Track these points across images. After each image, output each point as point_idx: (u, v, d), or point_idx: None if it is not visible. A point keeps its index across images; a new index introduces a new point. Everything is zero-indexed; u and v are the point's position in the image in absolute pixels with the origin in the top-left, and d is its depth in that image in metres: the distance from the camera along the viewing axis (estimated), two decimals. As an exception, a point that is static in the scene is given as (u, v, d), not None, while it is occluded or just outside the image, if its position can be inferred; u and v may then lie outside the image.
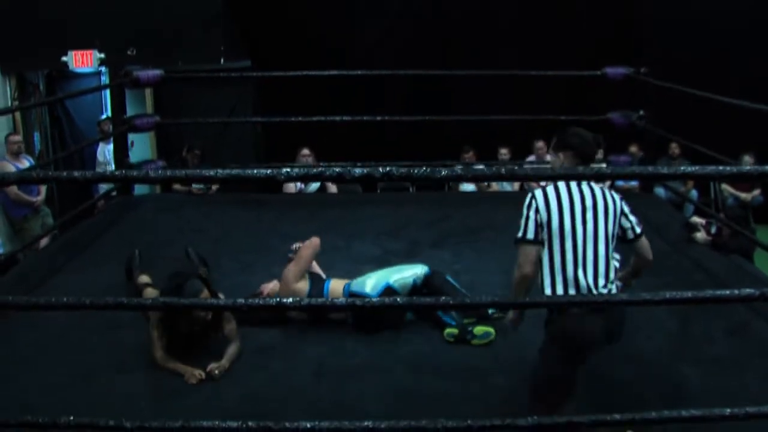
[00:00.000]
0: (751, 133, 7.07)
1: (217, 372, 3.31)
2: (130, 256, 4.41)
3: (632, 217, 3.03)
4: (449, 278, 3.99)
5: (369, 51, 8.47)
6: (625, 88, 6.37)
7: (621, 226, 2.97)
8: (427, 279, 3.90)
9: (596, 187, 2.94)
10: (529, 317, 3.77)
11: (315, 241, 4.15)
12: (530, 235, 2.85)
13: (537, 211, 2.86)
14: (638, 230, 3.04)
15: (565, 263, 2.82)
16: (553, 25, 8.40)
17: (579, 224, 2.83)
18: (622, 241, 3.00)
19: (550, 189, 2.89)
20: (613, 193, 3.00)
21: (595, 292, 2.80)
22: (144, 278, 4.14)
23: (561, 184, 2.91)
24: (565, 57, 8.02)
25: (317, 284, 3.93)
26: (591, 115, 6.54)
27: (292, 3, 8.60)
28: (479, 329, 3.58)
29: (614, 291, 2.90)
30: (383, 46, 8.55)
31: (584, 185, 2.92)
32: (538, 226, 2.85)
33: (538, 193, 2.88)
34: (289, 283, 3.89)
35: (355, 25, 8.76)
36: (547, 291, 2.87)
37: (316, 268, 4.27)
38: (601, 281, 2.83)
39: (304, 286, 3.91)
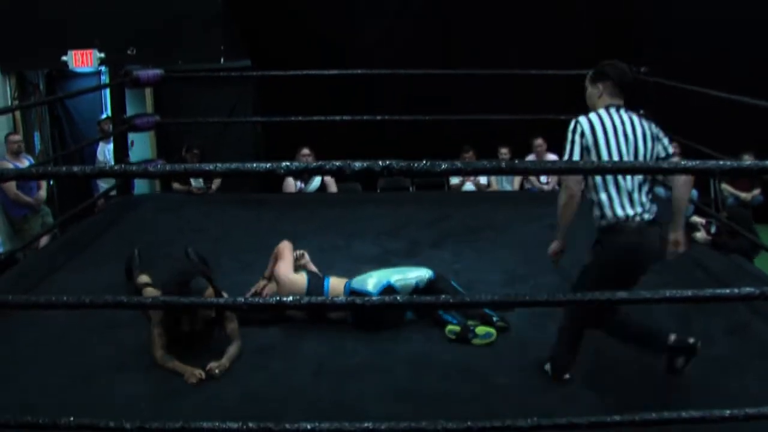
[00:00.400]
0: (750, 132, 7.07)
1: (217, 371, 3.30)
2: (130, 255, 4.40)
3: (665, 139, 3.22)
4: (454, 283, 3.98)
5: (369, 50, 8.47)
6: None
7: (655, 149, 3.16)
8: (431, 283, 3.89)
9: (633, 115, 3.18)
10: (529, 317, 3.79)
11: (285, 242, 4.17)
12: (576, 157, 3.08)
13: (582, 135, 3.07)
14: (670, 150, 3.20)
15: (610, 184, 3.04)
16: (553, 25, 8.39)
17: (623, 147, 3.06)
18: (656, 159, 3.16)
19: (593, 116, 3.11)
20: (645, 119, 3.22)
21: (638, 210, 3.02)
22: (144, 278, 4.13)
23: (602, 112, 3.13)
24: (565, 57, 8.01)
25: (316, 280, 3.93)
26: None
27: (292, 2, 8.59)
28: (481, 329, 3.58)
29: (653, 211, 3.09)
30: (383, 46, 8.54)
31: (622, 112, 3.17)
32: (584, 149, 3.07)
33: (583, 119, 3.09)
34: (286, 274, 3.91)
35: (355, 25, 8.76)
36: (596, 212, 3.09)
37: (312, 266, 4.26)
38: (644, 198, 3.06)
39: (301, 278, 3.91)
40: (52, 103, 8.77)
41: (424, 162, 2.19)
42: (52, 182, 7.88)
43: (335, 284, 3.91)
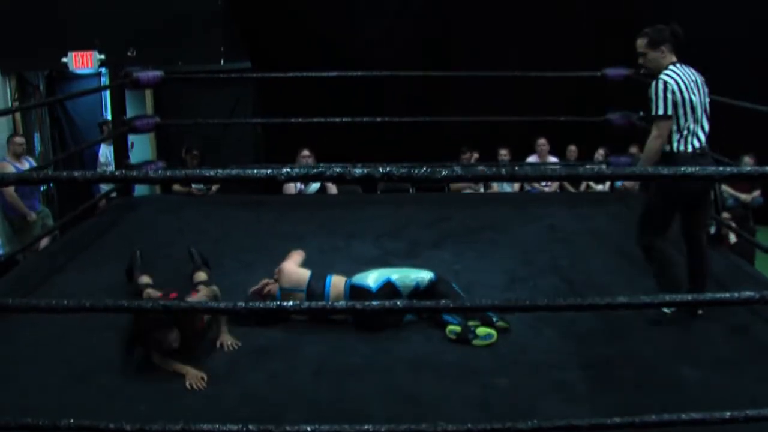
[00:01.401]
0: (751, 134, 7.07)
1: (231, 344, 3.52)
2: (132, 256, 4.40)
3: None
4: (455, 286, 3.97)
5: (369, 51, 8.48)
6: (625, 89, 6.37)
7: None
8: (431, 284, 3.89)
9: (690, 68, 3.78)
10: (529, 319, 3.79)
11: (301, 252, 4.22)
12: (670, 111, 3.65)
13: (673, 92, 3.64)
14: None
15: (692, 128, 3.72)
16: (553, 26, 8.40)
17: (696, 97, 3.71)
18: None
19: (673, 74, 3.68)
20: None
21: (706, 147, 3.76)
22: (145, 279, 4.13)
23: (677, 68, 3.72)
24: (566, 57, 8.03)
25: (318, 276, 3.93)
26: (591, 116, 6.55)
27: (291, 4, 8.60)
28: (482, 330, 3.58)
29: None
30: (383, 47, 8.55)
31: (685, 67, 3.76)
32: (673, 104, 3.64)
33: (669, 79, 3.65)
34: (290, 266, 3.95)
35: (355, 25, 8.77)
36: (680, 147, 3.70)
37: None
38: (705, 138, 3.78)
39: (305, 272, 3.92)
40: (52, 105, 8.77)
41: (425, 168, 2.19)
42: (51, 184, 7.90)
43: (336, 282, 3.91)
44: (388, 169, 2.13)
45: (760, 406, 2.50)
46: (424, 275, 3.91)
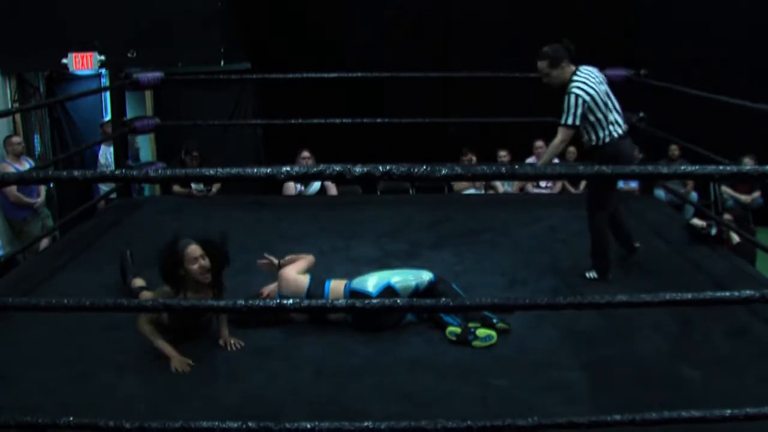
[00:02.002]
0: (751, 135, 7.08)
1: (233, 343, 3.53)
2: (122, 257, 4.32)
3: None
4: (455, 286, 3.98)
5: (369, 52, 8.48)
6: (625, 90, 6.37)
7: None
8: (431, 285, 3.89)
9: (589, 66, 4.33)
10: (529, 319, 3.79)
11: (312, 258, 4.20)
12: (578, 122, 4.22)
13: (584, 102, 4.18)
14: None
15: (611, 118, 4.27)
16: (553, 26, 8.40)
17: (603, 88, 4.27)
18: None
19: (581, 83, 4.20)
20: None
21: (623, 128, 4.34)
22: (138, 282, 4.08)
23: (580, 74, 4.25)
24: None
25: (318, 282, 3.93)
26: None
27: (291, 5, 8.61)
28: (482, 331, 3.58)
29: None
30: (383, 47, 8.56)
31: (585, 68, 4.30)
32: (587, 112, 4.20)
33: (580, 92, 4.17)
34: (290, 272, 3.94)
35: (355, 27, 8.77)
36: (605, 139, 4.27)
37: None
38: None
39: (304, 278, 3.92)
40: (52, 106, 8.77)
41: (424, 167, 2.19)
42: (52, 185, 7.90)
43: (335, 286, 3.91)
44: (388, 167, 2.13)
45: (761, 404, 2.50)
46: (424, 276, 3.91)
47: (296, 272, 3.97)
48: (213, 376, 3.33)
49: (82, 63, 8.01)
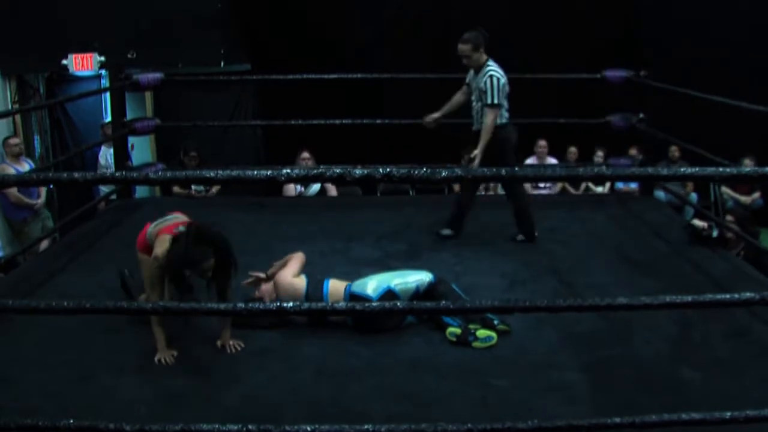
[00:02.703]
0: (751, 136, 7.08)
1: (233, 345, 3.54)
2: (122, 276, 4.17)
3: None
4: (455, 287, 3.97)
5: (369, 53, 8.48)
6: (625, 91, 6.38)
7: None
8: (431, 286, 3.88)
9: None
10: (529, 320, 3.80)
11: (302, 255, 4.12)
12: (501, 100, 4.89)
13: (503, 85, 4.87)
14: None
15: (505, 105, 4.99)
16: (553, 27, 8.40)
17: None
18: None
19: (497, 69, 4.91)
20: None
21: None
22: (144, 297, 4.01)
23: (493, 63, 4.94)
24: (566, 58, 8.03)
25: (315, 283, 3.91)
26: (591, 118, 6.56)
27: (291, 6, 8.60)
28: (482, 332, 3.58)
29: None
30: (383, 47, 8.55)
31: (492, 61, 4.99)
32: (504, 93, 4.89)
33: (498, 74, 4.86)
34: (286, 277, 3.90)
35: (355, 27, 8.77)
36: (503, 121, 4.98)
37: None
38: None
39: (301, 281, 3.90)
40: (52, 107, 8.77)
41: (424, 169, 2.19)
42: (52, 186, 7.90)
43: (334, 286, 3.90)
44: (388, 169, 2.13)
45: (761, 406, 2.50)
46: (424, 277, 3.90)
47: (291, 276, 3.93)
48: (213, 378, 3.33)
49: (82, 64, 8.02)
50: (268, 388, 3.25)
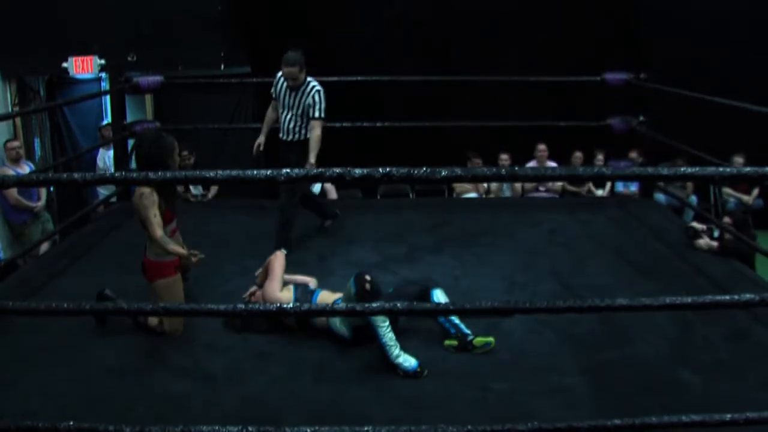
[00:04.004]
0: (741, 133, 7.05)
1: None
2: (105, 298, 3.87)
3: None
4: (442, 294, 3.81)
5: (369, 55, 8.47)
6: (625, 94, 6.38)
7: None
8: (423, 294, 3.78)
9: None
10: (529, 323, 3.80)
11: (279, 255, 4.05)
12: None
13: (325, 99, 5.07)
14: None
15: None
16: (553, 28, 8.41)
17: None
18: None
19: (319, 85, 5.16)
20: None
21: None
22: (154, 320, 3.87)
23: (317, 83, 5.17)
24: (566, 59, 8.03)
25: (303, 295, 3.85)
26: (591, 121, 6.55)
27: (291, 8, 8.61)
28: (479, 340, 3.57)
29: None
30: (383, 50, 8.55)
31: None
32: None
33: (322, 90, 5.15)
34: (273, 292, 3.82)
35: (356, 30, 8.77)
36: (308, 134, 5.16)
37: (299, 278, 4.13)
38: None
39: (287, 295, 3.83)
40: (52, 110, 8.77)
41: (424, 169, 2.19)
42: (52, 188, 7.89)
43: (324, 299, 3.82)
44: (387, 169, 2.13)
45: (761, 408, 2.50)
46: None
47: (278, 290, 3.84)
48: (213, 380, 3.32)
49: (83, 67, 8.01)
50: (268, 391, 3.24)
